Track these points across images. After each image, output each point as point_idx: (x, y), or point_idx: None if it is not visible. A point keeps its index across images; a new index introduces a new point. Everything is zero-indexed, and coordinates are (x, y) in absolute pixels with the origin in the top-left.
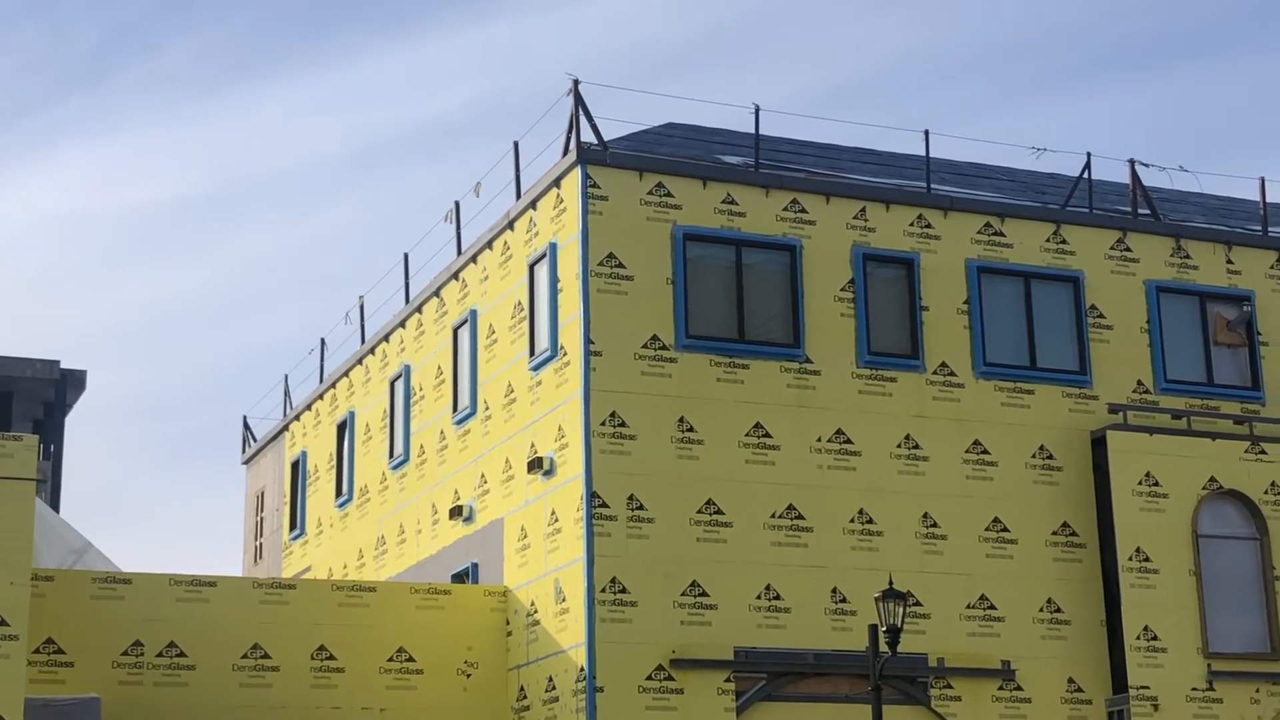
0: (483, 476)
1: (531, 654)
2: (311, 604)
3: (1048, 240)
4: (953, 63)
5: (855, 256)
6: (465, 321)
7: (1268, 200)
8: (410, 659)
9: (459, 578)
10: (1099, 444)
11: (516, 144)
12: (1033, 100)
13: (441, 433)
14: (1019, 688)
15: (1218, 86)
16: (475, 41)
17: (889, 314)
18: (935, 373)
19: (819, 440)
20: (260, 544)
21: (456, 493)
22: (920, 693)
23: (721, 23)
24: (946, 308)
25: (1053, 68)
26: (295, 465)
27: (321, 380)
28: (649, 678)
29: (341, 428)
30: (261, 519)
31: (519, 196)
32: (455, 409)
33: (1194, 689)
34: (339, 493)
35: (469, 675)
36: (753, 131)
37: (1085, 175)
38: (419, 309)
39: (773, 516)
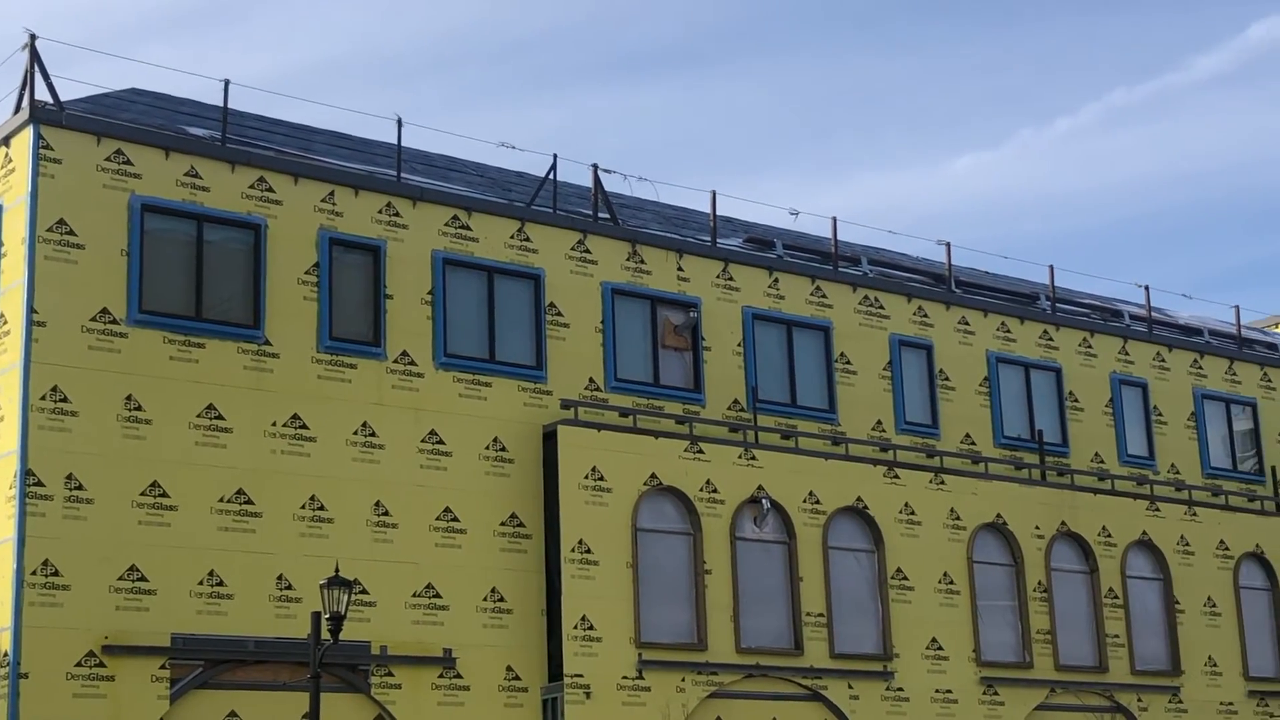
0: None
1: None
2: None
3: (512, 237)
4: (431, 55)
5: (321, 240)
6: None
7: (718, 213)
8: None
9: None
10: (550, 438)
11: None
12: (509, 100)
13: None
14: (459, 675)
15: (682, 102)
16: None
17: (353, 300)
18: (396, 361)
19: (274, 424)
20: None
21: None
22: (361, 681)
23: None
24: (410, 297)
25: (530, 70)
26: None
27: None
28: (79, 664)
29: None
30: None
31: None
32: None
33: (625, 677)
34: None
35: None
36: (221, 105)
37: (551, 176)
38: None
39: (221, 501)
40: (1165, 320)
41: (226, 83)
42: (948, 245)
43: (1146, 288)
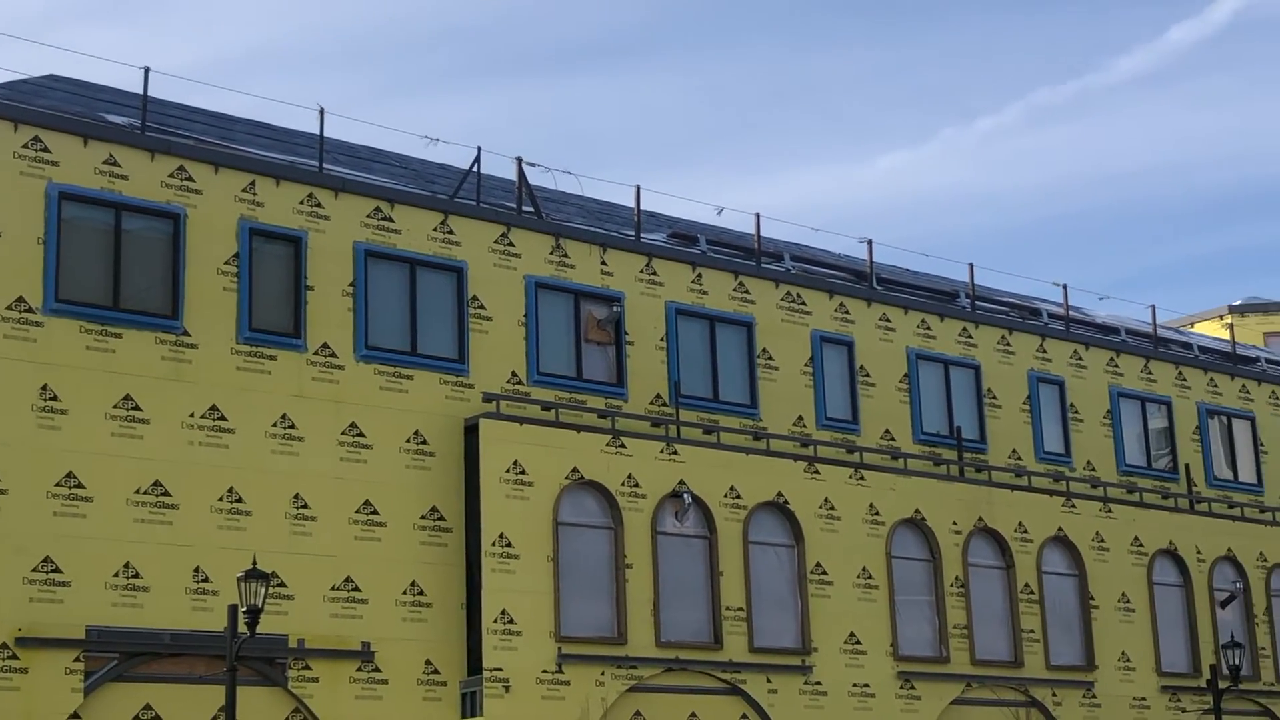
0: None
1: None
2: None
3: (435, 229)
4: (355, 47)
5: (241, 230)
6: None
7: (642, 208)
8: None
9: None
10: (471, 431)
11: None
12: (433, 91)
13: None
14: (377, 669)
15: (607, 97)
16: None
17: (273, 291)
18: (316, 353)
19: (192, 416)
20: None
21: None
22: (278, 674)
23: None
24: (332, 289)
25: (455, 63)
26: None
27: None
28: None
29: None
30: None
31: None
32: None
33: (544, 671)
34: None
35: None
36: (141, 93)
37: (475, 169)
38: None
39: (137, 492)
40: (1082, 319)
41: (146, 70)
42: (869, 243)
43: (1064, 287)
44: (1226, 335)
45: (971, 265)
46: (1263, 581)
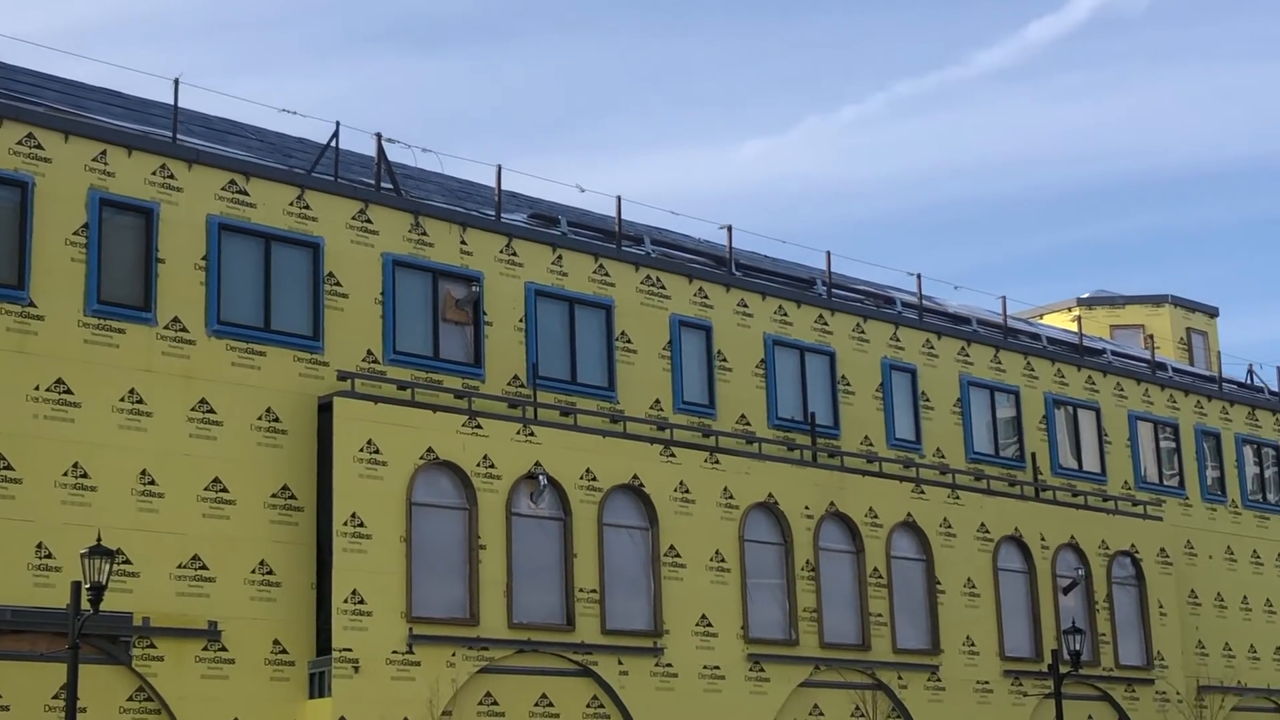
0: None
1: None
2: None
3: (291, 204)
4: (212, 17)
5: (91, 200)
6: None
7: (503, 188)
8: None
9: None
10: (325, 410)
11: None
12: (291, 65)
13: None
14: (224, 648)
15: (469, 75)
16: None
17: (123, 263)
18: (167, 327)
19: (37, 389)
20: None
21: None
22: (122, 652)
23: None
24: (184, 262)
25: (315, 36)
26: None
27: None
28: None
29: None
30: None
31: None
32: None
33: (395, 651)
34: None
35: None
36: None
37: (333, 143)
38: None
39: None
40: (935, 309)
41: None
42: (729, 229)
43: (918, 276)
44: (1074, 327)
45: (829, 253)
46: (1104, 569)
